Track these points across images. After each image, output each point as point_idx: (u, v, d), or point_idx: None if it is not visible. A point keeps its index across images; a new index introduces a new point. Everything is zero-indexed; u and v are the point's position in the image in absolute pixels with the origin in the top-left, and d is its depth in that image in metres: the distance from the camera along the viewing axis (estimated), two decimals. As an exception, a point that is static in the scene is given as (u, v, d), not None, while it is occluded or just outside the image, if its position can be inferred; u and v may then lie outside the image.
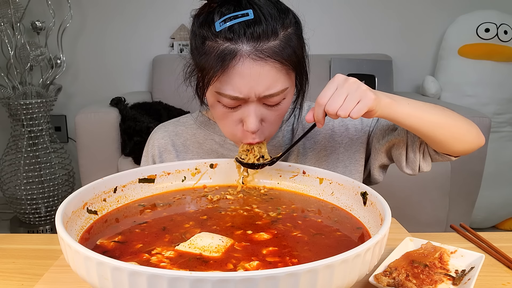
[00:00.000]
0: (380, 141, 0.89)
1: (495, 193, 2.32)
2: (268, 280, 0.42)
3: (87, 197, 0.67)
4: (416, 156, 0.84)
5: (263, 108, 0.76)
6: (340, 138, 0.94)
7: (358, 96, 0.67)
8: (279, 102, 0.76)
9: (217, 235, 0.61)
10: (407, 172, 0.86)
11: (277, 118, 0.79)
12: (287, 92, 0.76)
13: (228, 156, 0.94)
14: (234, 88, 0.72)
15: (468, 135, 0.81)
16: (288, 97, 0.78)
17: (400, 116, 0.73)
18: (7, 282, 0.69)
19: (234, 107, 0.76)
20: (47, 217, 2.38)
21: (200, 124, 0.97)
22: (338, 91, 0.68)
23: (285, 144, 0.95)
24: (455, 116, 0.80)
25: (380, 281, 0.62)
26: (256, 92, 0.73)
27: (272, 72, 0.72)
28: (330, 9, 2.64)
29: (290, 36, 0.74)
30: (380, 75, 2.47)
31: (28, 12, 2.30)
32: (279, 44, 0.72)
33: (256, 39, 0.70)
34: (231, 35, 0.71)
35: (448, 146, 0.80)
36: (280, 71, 0.73)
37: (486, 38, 2.35)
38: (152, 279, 0.42)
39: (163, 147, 0.96)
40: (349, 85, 0.68)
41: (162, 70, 2.50)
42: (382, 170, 0.95)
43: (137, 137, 1.96)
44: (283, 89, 0.74)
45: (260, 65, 0.71)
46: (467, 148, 0.82)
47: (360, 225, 0.68)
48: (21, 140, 2.30)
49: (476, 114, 1.94)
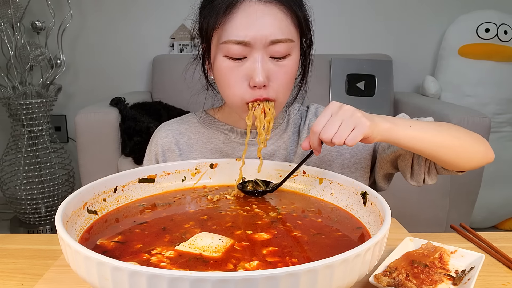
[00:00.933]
0: (385, 151, 0.88)
1: (495, 193, 2.32)
2: (268, 280, 0.42)
3: (87, 197, 0.67)
4: (421, 169, 0.83)
5: (270, 62, 0.76)
6: None
7: (352, 124, 0.67)
8: (285, 56, 0.76)
9: (217, 235, 0.61)
10: (412, 184, 0.86)
11: (283, 78, 0.78)
12: (293, 46, 0.77)
13: (232, 154, 0.93)
14: (239, 30, 0.73)
15: (475, 153, 0.80)
16: (294, 55, 0.78)
17: (402, 140, 0.73)
18: (7, 282, 0.69)
19: (240, 58, 0.75)
20: (47, 217, 2.38)
21: (204, 123, 0.96)
22: (332, 118, 0.68)
23: (290, 146, 0.94)
24: (462, 134, 0.79)
25: (380, 281, 0.62)
26: (263, 35, 0.73)
27: (278, 15, 0.74)
28: (330, 9, 2.64)
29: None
30: (380, 75, 2.47)
31: (28, 12, 2.30)
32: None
33: None
34: None
35: (453, 164, 0.79)
36: (286, 18, 0.75)
37: (486, 38, 2.35)
38: (152, 279, 0.42)
39: (167, 146, 0.95)
40: (343, 112, 0.68)
41: (162, 70, 2.50)
42: (387, 179, 0.94)
43: (137, 137, 1.96)
44: (289, 38, 0.75)
45: (266, 6, 0.73)
46: (474, 165, 0.81)
47: (360, 225, 0.68)
48: (21, 140, 2.30)
49: (476, 114, 1.94)
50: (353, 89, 2.47)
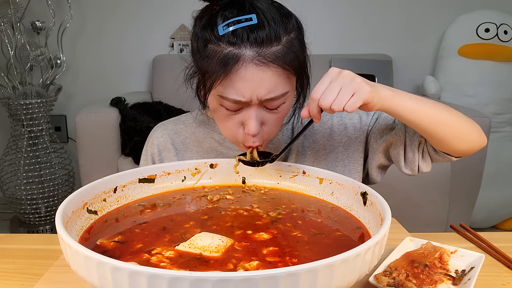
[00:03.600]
0: (377, 141, 0.89)
1: (495, 193, 2.32)
2: (268, 280, 0.42)
3: (87, 197, 0.67)
4: (415, 155, 0.83)
5: (264, 111, 0.77)
6: (339, 137, 0.94)
7: (352, 89, 0.66)
8: (279, 105, 0.77)
9: (217, 235, 0.61)
10: (406, 173, 0.85)
11: (276, 121, 0.80)
12: (287, 96, 0.77)
13: (228, 154, 0.94)
14: (237, 92, 0.72)
15: (471, 133, 0.79)
16: (288, 101, 0.79)
17: (401, 110, 0.71)
18: (7, 282, 0.69)
19: (236, 110, 0.76)
20: (47, 217, 2.38)
21: (199, 123, 0.97)
22: (331, 84, 0.67)
23: (284, 143, 0.95)
24: (458, 113, 0.79)
25: (380, 281, 0.62)
26: (258, 96, 0.73)
27: (274, 77, 0.72)
28: (330, 9, 2.64)
29: (292, 41, 0.74)
30: (380, 75, 2.47)
31: (28, 12, 2.30)
32: (281, 50, 0.72)
33: (259, 44, 0.71)
34: (234, 39, 0.71)
35: (449, 143, 0.78)
36: (282, 75, 0.73)
37: (486, 38, 2.35)
38: (152, 279, 0.42)
39: (163, 145, 0.96)
40: (343, 77, 0.67)
41: (162, 70, 2.50)
42: (381, 171, 0.94)
43: (137, 137, 1.96)
44: (283, 93, 0.75)
45: (263, 70, 0.71)
46: (469, 148, 0.80)
47: (360, 225, 0.68)
48: (21, 140, 2.30)
49: (476, 114, 1.94)
50: (353, 89, 2.47)
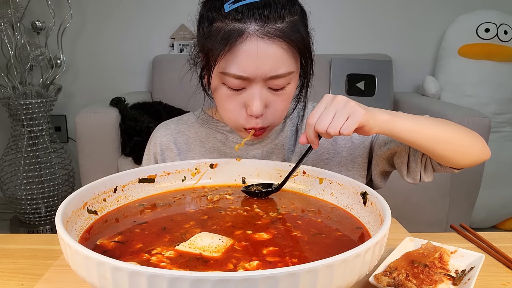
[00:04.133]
0: (381, 148, 0.89)
1: (495, 193, 2.32)
2: (268, 280, 0.42)
3: (87, 197, 0.67)
4: (417, 166, 0.83)
5: (268, 92, 0.77)
6: (343, 142, 0.94)
7: (346, 112, 0.67)
8: (284, 86, 0.77)
9: (217, 235, 0.61)
10: (408, 181, 0.86)
11: (281, 105, 0.79)
12: (292, 76, 0.77)
13: (230, 154, 0.94)
14: (240, 66, 0.73)
15: (472, 149, 0.79)
16: (293, 83, 0.79)
17: (400, 132, 0.72)
18: (7, 282, 0.69)
19: (238, 89, 0.76)
20: (47, 217, 2.38)
21: (202, 122, 0.97)
22: (326, 109, 0.68)
23: (288, 145, 0.95)
24: (459, 130, 0.79)
25: (380, 281, 0.62)
26: (262, 72, 0.73)
27: (278, 52, 0.73)
28: (330, 9, 2.64)
29: (297, 22, 0.75)
30: (380, 75, 2.47)
31: (28, 12, 2.30)
32: (286, 27, 0.73)
33: (264, 20, 0.72)
34: (239, 15, 0.72)
35: (449, 160, 0.78)
36: (287, 52, 0.74)
37: (486, 38, 2.35)
38: (152, 279, 0.42)
39: (165, 145, 0.96)
40: (337, 102, 0.68)
41: (162, 70, 2.50)
42: (384, 177, 0.94)
43: (137, 137, 1.96)
44: (289, 71, 0.75)
45: (267, 44, 0.72)
46: (470, 162, 0.81)
47: (360, 225, 0.68)
48: (21, 140, 2.30)
49: (476, 114, 1.94)
50: (353, 89, 2.47)
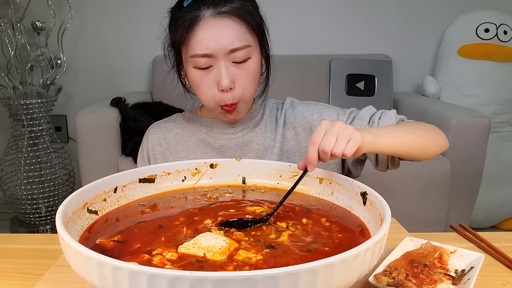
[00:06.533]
0: None
1: (495, 193, 2.32)
2: (268, 280, 0.42)
3: (88, 197, 0.67)
4: (384, 158, 0.92)
5: (233, 67, 0.88)
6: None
7: (347, 136, 0.71)
8: (246, 59, 0.88)
9: (221, 236, 0.61)
10: (378, 170, 0.95)
11: (247, 78, 0.89)
12: (251, 51, 0.88)
13: (215, 143, 1.01)
14: (203, 45, 0.85)
15: (436, 147, 0.90)
16: (254, 58, 0.90)
17: (382, 149, 0.80)
18: (7, 282, 0.70)
19: (206, 67, 0.87)
20: (47, 217, 2.38)
21: (188, 120, 1.06)
22: (328, 132, 0.71)
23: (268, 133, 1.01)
24: (426, 129, 0.89)
25: (380, 281, 0.62)
26: (222, 46, 0.85)
27: (233, 26, 0.86)
28: (330, 9, 2.64)
29: (246, 4, 0.88)
30: (380, 75, 2.47)
31: (28, 12, 2.30)
32: (235, 6, 0.87)
33: (215, 4, 0.86)
34: (196, 6, 0.86)
35: (419, 158, 0.89)
36: (241, 27, 0.86)
37: (486, 38, 2.35)
38: (152, 279, 0.42)
39: (156, 141, 1.04)
40: (338, 127, 0.72)
41: (162, 70, 2.49)
42: (358, 165, 1.00)
43: (138, 137, 1.96)
44: (246, 44, 0.87)
45: (221, 21, 0.85)
46: (433, 156, 0.92)
47: (360, 224, 0.68)
48: (21, 140, 2.30)
49: (476, 114, 1.93)
50: (353, 89, 2.47)
